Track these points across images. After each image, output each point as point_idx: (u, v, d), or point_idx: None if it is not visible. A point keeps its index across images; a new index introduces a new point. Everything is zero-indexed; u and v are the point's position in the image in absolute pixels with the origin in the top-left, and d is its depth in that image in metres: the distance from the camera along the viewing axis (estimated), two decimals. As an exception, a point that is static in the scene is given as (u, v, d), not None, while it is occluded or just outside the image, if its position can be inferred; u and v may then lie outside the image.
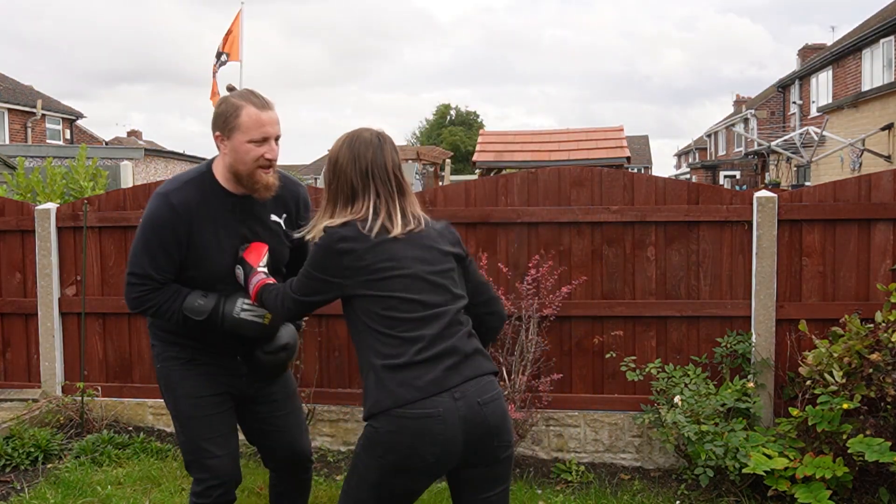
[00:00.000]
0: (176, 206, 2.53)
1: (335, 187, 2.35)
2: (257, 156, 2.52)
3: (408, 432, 2.12)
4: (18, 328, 5.22)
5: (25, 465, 4.39)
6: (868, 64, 21.07)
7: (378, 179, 2.31)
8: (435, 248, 2.34)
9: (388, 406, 2.14)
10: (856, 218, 4.34)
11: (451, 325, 2.25)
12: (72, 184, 7.06)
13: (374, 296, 2.23)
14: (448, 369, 2.18)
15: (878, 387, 3.66)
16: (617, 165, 10.86)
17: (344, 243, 2.25)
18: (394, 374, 2.15)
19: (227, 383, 2.74)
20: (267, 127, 2.52)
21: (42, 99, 25.78)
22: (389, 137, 2.40)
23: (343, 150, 2.35)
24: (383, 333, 2.20)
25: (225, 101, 2.54)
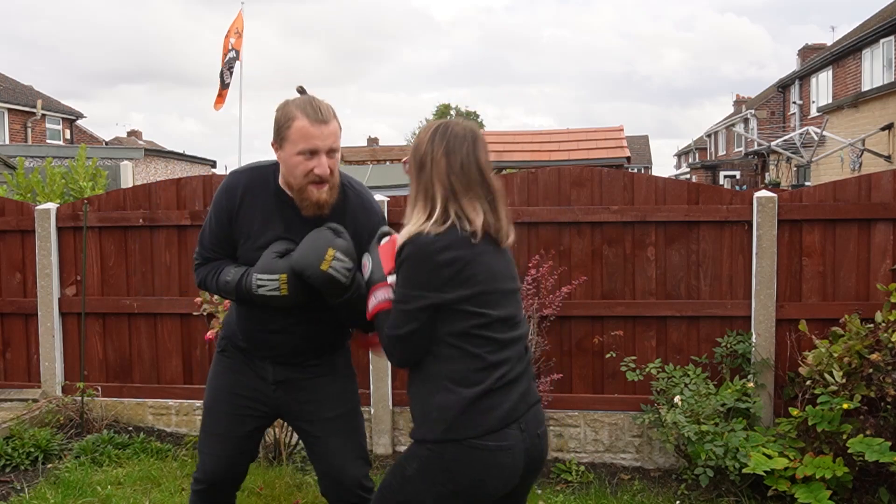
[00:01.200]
0: (229, 186, 2.53)
1: (428, 182, 2.10)
2: (307, 170, 2.36)
3: (478, 464, 2.00)
4: (18, 328, 5.22)
5: (25, 465, 4.39)
6: (868, 64, 21.07)
7: (472, 179, 2.10)
8: (511, 260, 2.21)
9: (464, 436, 1.99)
10: (856, 218, 4.34)
11: (523, 350, 2.15)
12: (71, 184, 7.07)
13: (472, 312, 2.03)
14: (520, 396, 2.08)
15: (878, 387, 3.66)
16: (617, 165, 10.86)
17: (447, 253, 2.01)
18: (474, 401, 2.00)
19: (254, 387, 2.60)
20: (317, 140, 2.34)
21: (42, 99, 25.78)
22: (482, 136, 2.20)
23: (436, 143, 2.11)
24: (468, 353, 2.02)
25: (282, 109, 2.42)
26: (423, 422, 2.07)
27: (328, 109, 2.39)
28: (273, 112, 2.48)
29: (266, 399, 2.60)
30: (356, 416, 2.66)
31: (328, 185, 2.40)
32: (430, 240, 2.01)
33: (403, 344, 2.06)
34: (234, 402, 2.61)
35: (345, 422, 2.61)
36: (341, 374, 2.65)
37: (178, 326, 5.00)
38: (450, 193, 2.07)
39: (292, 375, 2.58)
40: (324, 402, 2.58)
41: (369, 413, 4.76)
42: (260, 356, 2.59)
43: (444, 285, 2.00)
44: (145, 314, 5.04)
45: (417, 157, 2.13)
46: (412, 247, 2.03)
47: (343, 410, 2.61)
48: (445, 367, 2.03)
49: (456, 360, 2.02)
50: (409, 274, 2.03)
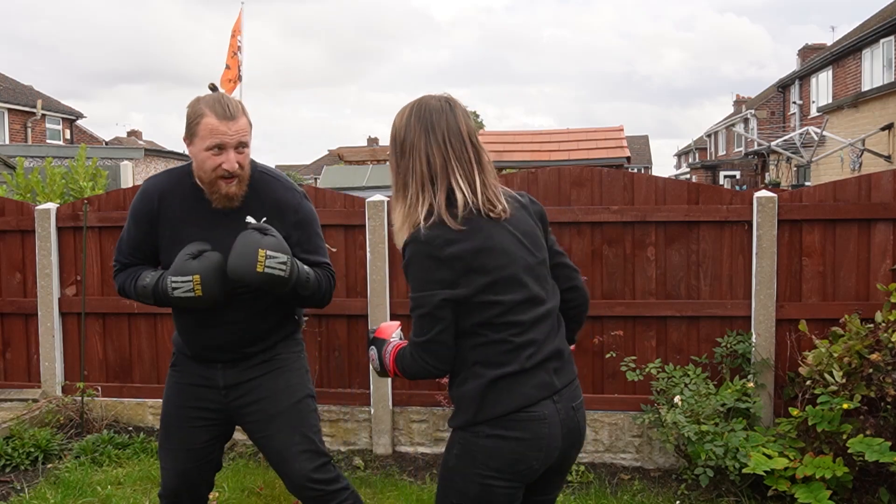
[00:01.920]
0: (145, 190, 2.61)
1: (406, 169, 2.00)
2: (215, 165, 2.43)
3: (515, 438, 1.97)
4: (18, 328, 5.22)
5: (25, 465, 4.39)
6: (868, 64, 21.07)
7: (457, 151, 1.98)
8: (530, 229, 2.09)
9: (496, 414, 1.97)
10: (856, 218, 4.34)
11: (554, 324, 2.08)
12: (71, 184, 7.06)
13: (489, 301, 1.96)
14: (553, 373, 2.04)
15: (878, 387, 3.66)
16: (617, 165, 10.85)
17: (452, 247, 1.93)
18: (504, 382, 1.97)
19: (205, 396, 2.60)
20: (224, 136, 2.40)
21: (42, 99, 25.78)
22: (458, 101, 2.07)
23: (411, 123, 2.00)
24: (493, 340, 1.97)
25: (192, 106, 2.48)
26: (457, 409, 2.03)
27: (237, 106, 2.46)
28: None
29: (218, 406, 2.61)
30: (303, 410, 2.62)
31: (237, 178, 2.46)
32: (430, 236, 1.93)
33: (435, 347, 1.97)
34: (185, 414, 2.62)
35: (289, 417, 2.58)
36: (288, 369, 2.64)
37: (178, 326, 5.00)
38: (435, 176, 1.98)
39: (242, 377, 2.59)
40: (268, 399, 2.58)
41: (369, 413, 4.76)
42: (208, 360, 2.60)
43: (456, 281, 1.93)
44: (145, 314, 5.04)
45: (397, 144, 2.03)
46: (415, 246, 1.95)
47: (287, 405, 2.59)
48: (473, 353, 1.99)
49: (482, 346, 1.98)
50: (419, 274, 1.95)
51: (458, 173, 1.98)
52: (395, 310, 4.68)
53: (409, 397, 4.74)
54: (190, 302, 2.43)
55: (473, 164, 2.01)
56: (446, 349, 1.98)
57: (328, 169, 17.54)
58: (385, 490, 4.14)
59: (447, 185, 1.97)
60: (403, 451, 4.75)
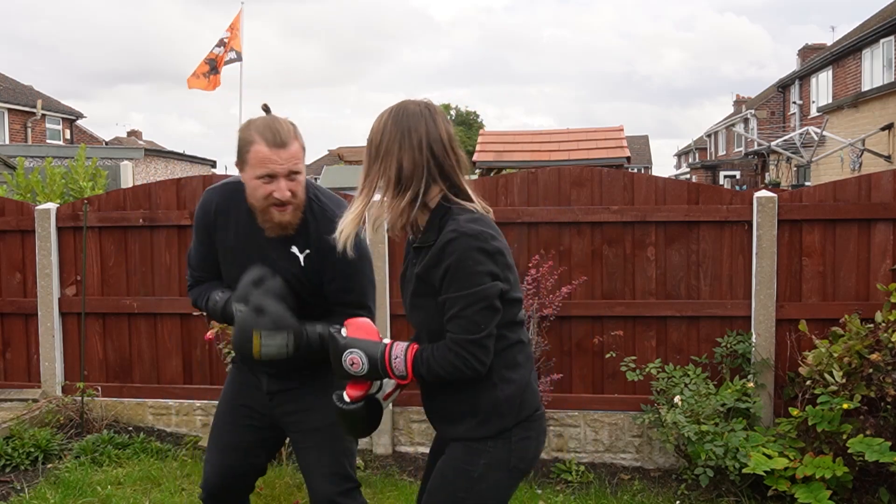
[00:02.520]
0: (203, 203, 2.55)
1: (376, 172, 1.98)
2: (266, 193, 2.33)
3: (535, 436, 2.04)
4: (18, 328, 5.22)
5: (25, 465, 4.39)
6: (868, 64, 21.06)
7: (439, 157, 1.97)
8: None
9: (525, 416, 2.00)
10: (856, 218, 4.34)
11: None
12: (71, 184, 7.07)
13: (516, 298, 2.00)
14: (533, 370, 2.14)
15: (878, 387, 3.66)
16: (617, 165, 10.85)
17: (495, 242, 1.94)
18: (529, 382, 2.03)
19: (251, 396, 2.59)
20: (274, 165, 2.30)
21: (42, 99, 25.78)
22: (439, 108, 2.06)
23: (388, 127, 1.98)
24: (512, 342, 2.00)
25: (243, 130, 2.38)
26: (488, 416, 1.96)
27: (289, 132, 2.34)
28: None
29: (262, 409, 2.59)
30: (340, 431, 2.45)
31: (291, 206, 2.37)
32: (477, 230, 1.90)
33: (490, 342, 1.91)
34: (233, 411, 2.60)
35: (324, 435, 2.51)
36: (332, 385, 2.52)
37: (178, 326, 5.00)
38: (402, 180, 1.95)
39: (285, 385, 2.55)
40: (308, 412, 2.52)
41: (369, 413, 4.75)
42: (255, 368, 2.58)
43: (501, 274, 1.93)
44: (145, 314, 5.04)
45: (372, 148, 2.00)
46: (465, 240, 1.88)
47: (325, 422, 2.48)
48: (497, 358, 1.95)
49: (505, 349, 1.98)
50: (473, 268, 1.88)
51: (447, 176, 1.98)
52: (394, 310, 4.68)
53: (409, 397, 4.74)
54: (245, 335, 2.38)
55: (454, 170, 2.00)
56: (489, 350, 1.93)
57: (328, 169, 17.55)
58: (385, 490, 4.14)
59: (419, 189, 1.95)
60: (403, 451, 4.75)
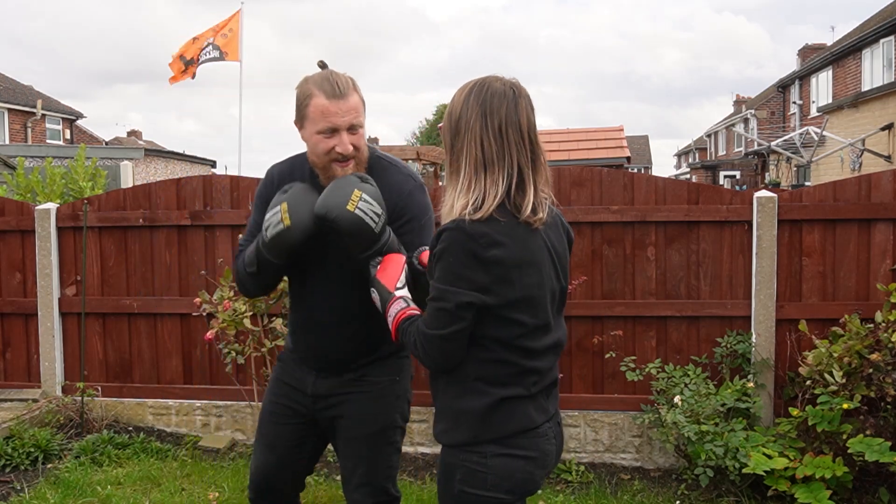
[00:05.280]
0: (267, 174, 2.51)
1: (460, 151, 1.85)
2: (327, 148, 2.27)
3: (523, 455, 1.90)
4: (18, 328, 5.22)
5: (25, 465, 4.39)
6: (868, 64, 21.07)
7: (512, 144, 1.83)
8: (562, 251, 1.98)
9: (505, 432, 1.88)
10: (856, 218, 4.34)
11: (557, 355, 2.03)
12: (71, 184, 7.08)
13: (512, 319, 1.84)
14: (548, 399, 2.01)
15: (878, 387, 3.66)
16: (617, 165, 10.86)
17: (494, 249, 1.78)
18: (511, 403, 1.88)
19: (295, 398, 2.50)
20: (335, 118, 2.24)
21: (42, 99, 25.79)
22: (525, 90, 1.90)
23: (470, 103, 1.85)
24: (501, 360, 1.87)
25: (301, 86, 2.32)
26: (454, 424, 1.91)
27: (347, 84, 2.28)
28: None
29: (305, 410, 2.50)
30: (380, 443, 2.46)
31: (353, 161, 2.30)
32: (477, 231, 1.77)
33: (447, 345, 1.83)
34: (276, 410, 2.53)
35: (363, 445, 2.44)
36: (379, 395, 2.46)
37: (178, 326, 5.00)
38: (489, 164, 1.82)
39: (331, 390, 2.46)
40: (351, 420, 2.44)
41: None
42: (307, 362, 2.49)
43: (489, 287, 1.79)
44: (145, 314, 5.04)
45: (452, 123, 1.89)
46: (457, 235, 1.78)
47: (366, 433, 2.43)
48: (476, 368, 1.87)
49: (489, 363, 1.87)
50: (453, 268, 1.79)
51: (509, 168, 1.83)
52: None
53: (409, 397, 4.74)
54: (282, 238, 2.24)
55: (528, 162, 1.85)
56: (458, 349, 1.85)
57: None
58: (385, 490, 4.14)
59: (500, 177, 1.82)
60: (403, 451, 4.74)
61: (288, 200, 2.25)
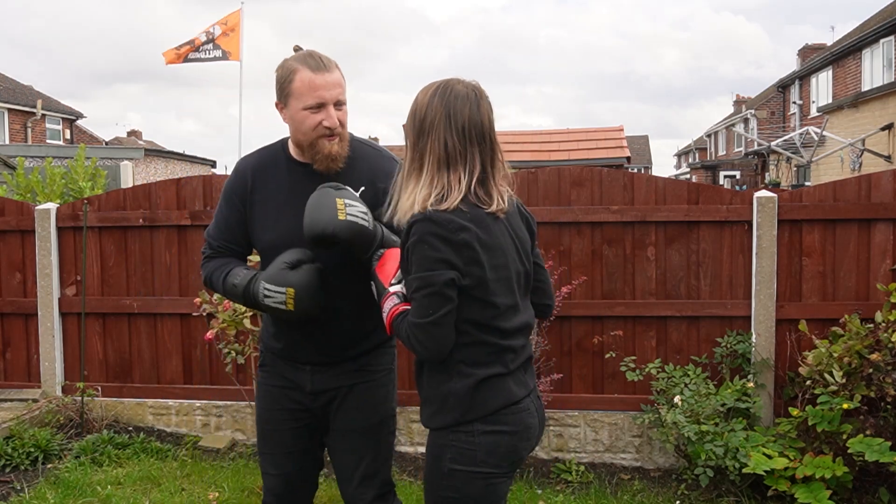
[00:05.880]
0: (238, 169, 2.46)
1: (424, 149, 1.97)
2: (314, 123, 2.27)
3: (508, 430, 2.00)
4: (18, 328, 5.22)
5: (25, 465, 4.39)
6: (868, 64, 21.07)
7: (476, 143, 1.97)
8: (523, 235, 2.11)
9: (489, 410, 1.98)
10: (856, 218, 4.34)
11: (528, 334, 2.12)
12: (71, 184, 7.08)
13: (483, 301, 1.96)
14: (526, 374, 2.10)
15: (878, 387, 3.66)
16: (617, 165, 10.86)
17: (464, 233, 1.90)
18: (492, 381, 1.98)
19: (294, 398, 2.47)
20: (322, 91, 2.25)
21: (42, 99, 25.79)
22: (486, 93, 2.04)
23: (434, 103, 1.97)
24: (479, 341, 1.98)
25: (281, 66, 2.32)
26: (440, 407, 2.01)
27: (330, 60, 2.31)
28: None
29: (306, 407, 2.48)
30: (381, 433, 2.48)
31: (338, 136, 2.31)
32: (444, 218, 1.89)
33: (438, 330, 1.92)
34: (277, 417, 2.49)
35: (364, 437, 2.45)
36: (377, 384, 2.48)
37: (177, 326, 5.00)
38: (447, 162, 1.95)
39: (329, 384, 2.44)
40: (351, 411, 2.44)
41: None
42: (299, 358, 2.45)
43: (462, 268, 1.90)
44: (145, 314, 5.04)
45: (416, 122, 2.00)
46: (426, 225, 1.89)
47: (367, 424, 2.45)
48: (457, 352, 1.97)
49: (468, 345, 1.97)
50: (427, 253, 1.89)
51: (471, 164, 1.97)
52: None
53: (409, 397, 4.73)
54: (280, 314, 2.27)
55: (489, 160, 2.00)
56: (448, 333, 1.93)
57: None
58: (385, 490, 4.14)
59: (463, 173, 1.95)
60: (403, 451, 4.75)
61: (296, 287, 2.22)
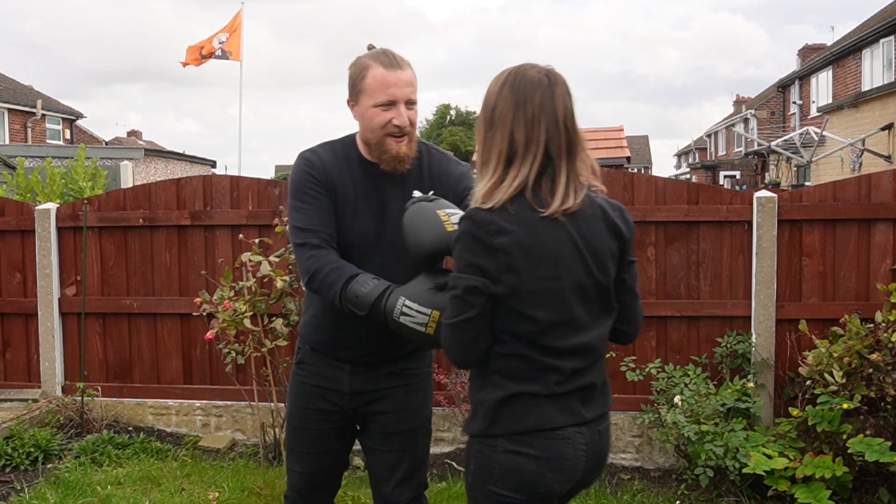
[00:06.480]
0: (312, 161, 2.33)
1: (492, 141, 1.84)
2: (384, 121, 2.22)
3: (534, 455, 1.81)
4: (18, 328, 5.22)
5: (25, 465, 4.39)
6: (868, 64, 21.07)
7: (546, 133, 1.80)
8: (600, 245, 1.86)
9: (517, 429, 1.82)
10: (856, 218, 4.34)
11: (594, 357, 1.91)
12: (71, 184, 7.08)
13: (518, 313, 1.80)
14: (581, 403, 1.87)
15: (878, 387, 3.66)
16: (617, 165, 10.85)
17: (501, 237, 1.75)
18: (526, 399, 1.82)
19: (329, 399, 2.42)
20: (393, 88, 2.21)
21: (42, 99, 25.79)
22: (562, 77, 1.87)
23: (504, 93, 1.84)
24: (518, 354, 1.82)
25: (354, 63, 2.30)
26: (473, 415, 1.90)
27: (403, 58, 2.27)
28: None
29: (341, 409, 2.45)
30: (420, 436, 2.47)
31: (407, 137, 2.26)
32: (485, 219, 1.76)
33: (458, 333, 1.81)
34: (310, 416, 2.46)
35: (405, 440, 2.43)
36: (416, 388, 2.46)
37: (178, 326, 5.00)
38: (510, 156, 1.80)
39: (368, 385, 2.41)
40: (391, 415, 2.42)
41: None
42: (338, 356, 2.41)
43: (496, 276, 1.76)
44: (145, 314, 5.04)
45: (486, 114, 1.87)
46: (467, 224, 1.78)
47: (406, 427, 2.43)
48: (495, 361, 1.84)
49: (505, 356, 1.83)
50: (463, 255, 1.79)
51: (534, 158, 1.79)
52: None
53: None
54: (410, 333, 2.12)
55: (563, 151, 1.81)
56: (472, 340, 1.81)
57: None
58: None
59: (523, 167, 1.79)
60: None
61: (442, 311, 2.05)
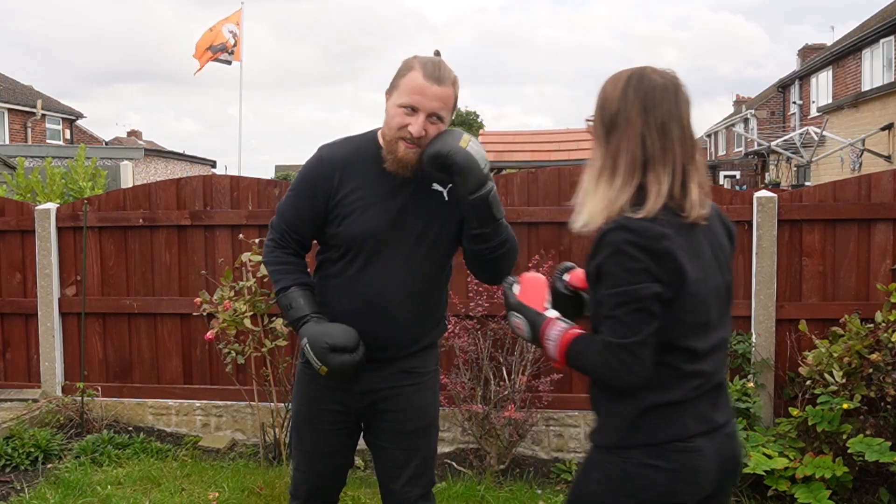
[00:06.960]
0: (323, 157, 2.37)
1: (617, 146, 1.76)
2: (402, 124, 2.24)
3: (668, 468, 1.75)
4: (18, 328, 5.22)
5: (25, 465, 4.39)
6: (868, 64, 21.07)
7: (676, 140, 1.74)
8: (724, 245, 1.86)
9: (652, 441, 1.75)
10: (856, 218, 4.34)
11: (724, 356, 1.88)
12: (71, 184, 7.08)
13: (676, 318, 1.72)
14: (714, 406, 1.82)
15: (878, 387, 3.66)
16: (617, 165, 10.83)
17: (666, 242, 1.68)
18: (663, 409, 1.75)
19: (337, 399, 2.42)
20: (421, 97, 2.22)
21: (42, 99, 25.79)
22: (683, 83, 1.81)
23: (629, 95, 1.76)
24: (660, 363, 1.72)
25: (407, 60, 2.33)
26: (604, 425, 1.82)
27: (449, 75, 2.28)
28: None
29: (350, 409, 2.45)
30: (430, 434, 2.49)
31: (417, 147, 2.26)
32: (644, 226, 1.68)
33: (645, 350, 1.69)
34: (318, 416, 2.45)
35: (415, 438, 2.44)
36: (426, 386, 2.46)
37: (178, 326, 5.00)
38: (644, 162, 1.74)
39: (379, 384, 2.40)
40: (402, 413, 2.43)
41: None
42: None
43: (665, 280, 1.68)
44: (145, 314, 5.04)
45: (606, 116, 1.78)
46: (624, 234, 1.68)
47: (417, 426, 2.43)
48: None
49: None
50: (628, 265, 1.67)
51: (672, 166, 1.74)
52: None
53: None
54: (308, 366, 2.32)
55: (691, 159, 1.77)
56: (650, 355, 1.70)
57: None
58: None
59: (663, 175, 1.73)
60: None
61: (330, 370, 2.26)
